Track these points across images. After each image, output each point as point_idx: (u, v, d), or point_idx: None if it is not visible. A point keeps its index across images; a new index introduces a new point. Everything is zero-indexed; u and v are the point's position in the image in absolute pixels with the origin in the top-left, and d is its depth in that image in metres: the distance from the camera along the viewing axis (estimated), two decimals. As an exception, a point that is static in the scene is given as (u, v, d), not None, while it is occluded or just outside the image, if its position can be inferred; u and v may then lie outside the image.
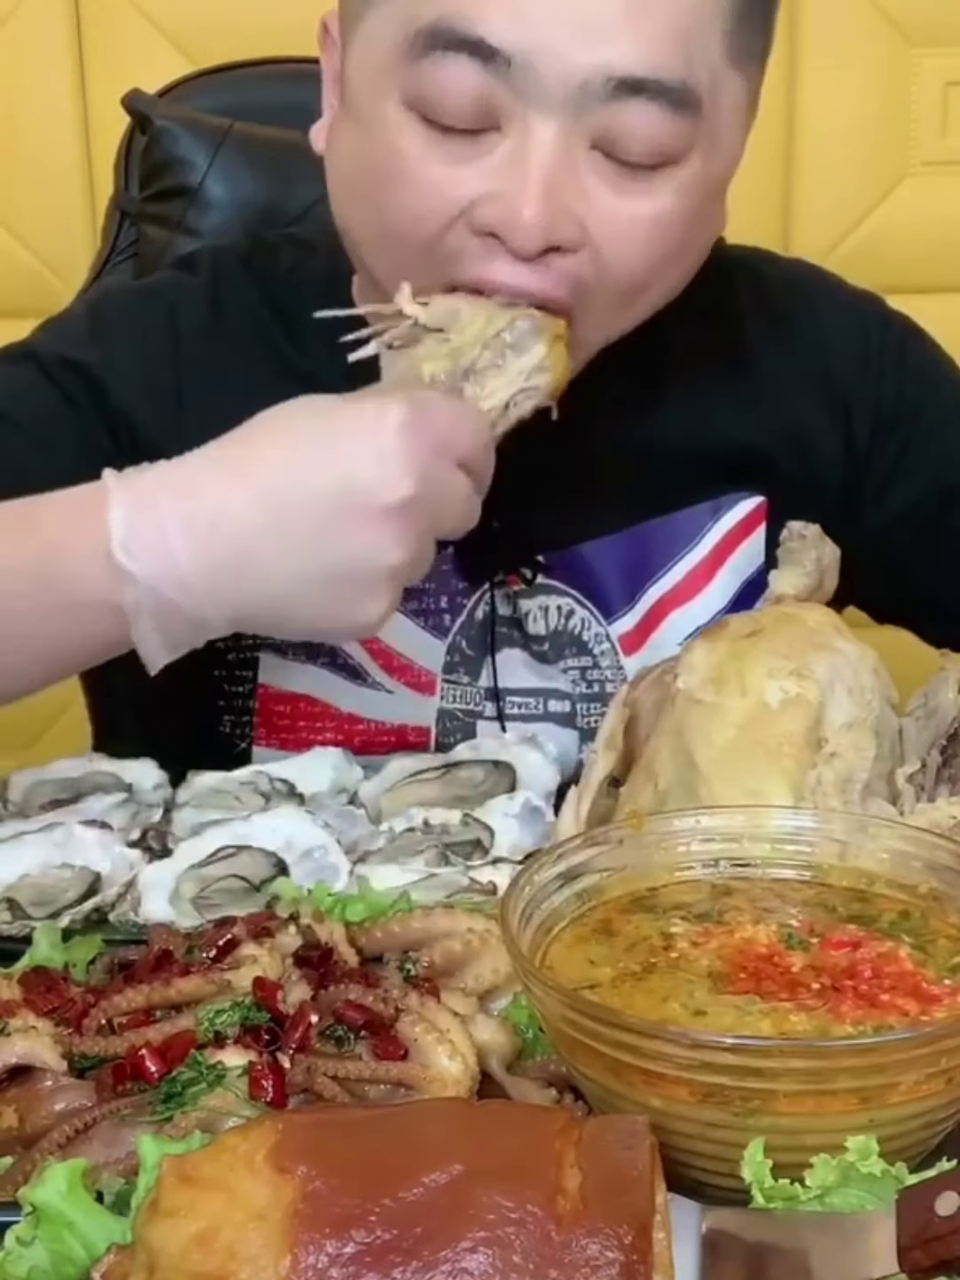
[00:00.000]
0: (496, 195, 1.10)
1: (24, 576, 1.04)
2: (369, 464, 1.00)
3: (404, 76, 1.11)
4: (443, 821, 1.17)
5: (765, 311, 1.38)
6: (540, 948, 0.86)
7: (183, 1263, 0.65)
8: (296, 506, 1.01)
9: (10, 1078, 0.86)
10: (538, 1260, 0.63)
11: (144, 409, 1.30)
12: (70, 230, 2.47)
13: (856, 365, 1.36)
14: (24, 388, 1.29)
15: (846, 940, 0.86)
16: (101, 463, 1.09)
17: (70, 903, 1.10)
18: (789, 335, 1.37)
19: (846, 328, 1.38)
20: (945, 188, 2.40)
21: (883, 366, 1.37)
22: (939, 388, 1.40)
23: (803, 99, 2.39)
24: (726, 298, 1.36)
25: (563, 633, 1.35)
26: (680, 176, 1.13)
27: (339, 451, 1.01)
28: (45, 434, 1.27)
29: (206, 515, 1.01)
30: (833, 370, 1.36)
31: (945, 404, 1.39)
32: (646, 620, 1.35)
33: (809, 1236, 0.69)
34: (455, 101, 1.10)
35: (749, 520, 1.36)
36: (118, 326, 1.34)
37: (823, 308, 1.39)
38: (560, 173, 1.09)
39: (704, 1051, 0.74)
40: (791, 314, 1.38)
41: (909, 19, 2.37)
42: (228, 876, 1.12)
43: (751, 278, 1.40)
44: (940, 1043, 0.74)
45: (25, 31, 2.44)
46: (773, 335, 1.37)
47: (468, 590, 1.33)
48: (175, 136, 1.75)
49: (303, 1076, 0.83)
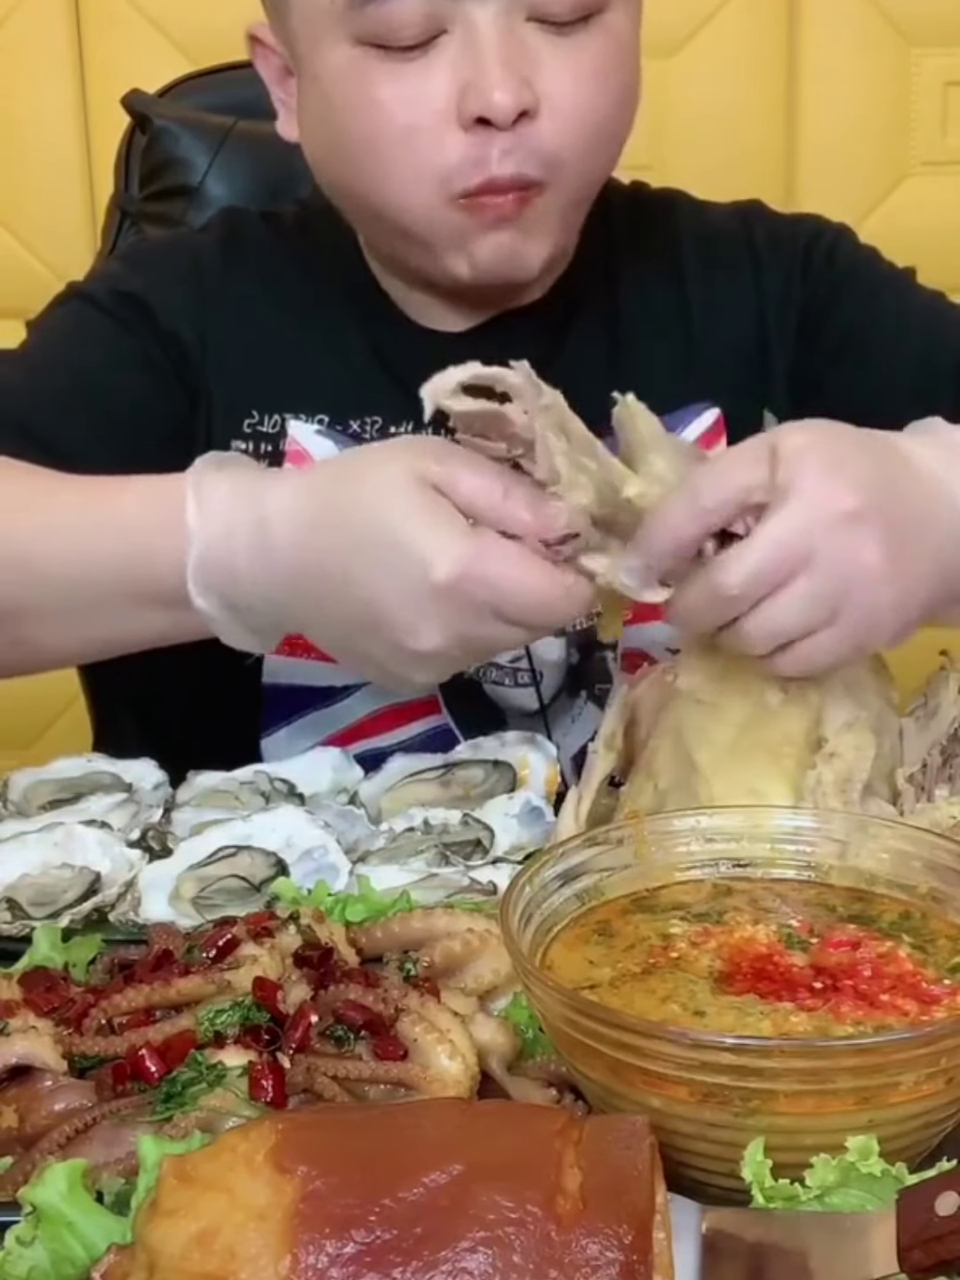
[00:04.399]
0: (467, 87, 1.22)
1: (111, 570, 1.13)
2: (403, 613, 1.02)
3: (350, 22, 1.23)
4: (443, 821, 1.17)
5: (704, 235, 1.47)
6: (540, 948, 0.86)
7: (183, 1263, 0.65)
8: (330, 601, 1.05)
9: (10, 1078, 0.86)
10: (538, 1260, 0.63)
11: (186, 330, 1.40)
12: (70, 230, 2.47)
13: (787, 269, 1.45)
14: (82, 322, 1.39)
15: (846, 940, 0.86)
16: (162, 380, 1.35)
17: (70, 903, 1.10)
18: (727, 260, 1.46)
19: (780, 239, 1.46)
20: (945, 188, 2.41)
21: (808, 265, 1.44)
22: (868, 269, 1.46)
23: (803, 99, 2.39)
24: (669, 226, 1.47)
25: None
26: (607, 21, 1.26)
27: (377, 587, 1.02)
28: (110, 358, 1.37)
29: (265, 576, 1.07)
30: (764, 276, 1.44)
31: (871, 284, 1.44)
32: None
33: (809, 1236, 0.69)
34: (407, 27, 1.22)
35: (710, 434, 1.41)
36: (151, 264, 1.44)
37: (758, 228, 1.47)
38: (509, 47, 1.23)
39: (704, 1051, 0.74)
40: (729, 234, 1.47)
41: (909, 19, 2.38)
42: (228, 876, 1.12)
43: (692, 212, 1.49)
44: (940, 1043, 0.74)
45: (25, 31, 2.44)
46: (711, 255, 1.46)
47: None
48: (175, 136, 1.75)
49: (303, 1076, 0.83)
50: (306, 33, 1.27)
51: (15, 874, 1.13)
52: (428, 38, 1.22)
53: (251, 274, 1.43)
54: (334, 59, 1.25)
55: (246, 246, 1.45)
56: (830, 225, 1.49)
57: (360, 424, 1.39)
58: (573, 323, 1.41)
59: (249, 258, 1.44)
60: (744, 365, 1.43)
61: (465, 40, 1.22)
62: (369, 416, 1.39)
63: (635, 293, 1.43)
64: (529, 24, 1.23)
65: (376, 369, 1.40)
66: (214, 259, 1.44)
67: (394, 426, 1.38)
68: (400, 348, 1.39)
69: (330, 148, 1.30)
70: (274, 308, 1.42)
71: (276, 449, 1.39)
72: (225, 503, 1.08)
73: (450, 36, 1.23)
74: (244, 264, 1.44)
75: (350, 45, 1.24)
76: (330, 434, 1.39)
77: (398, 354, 1.39)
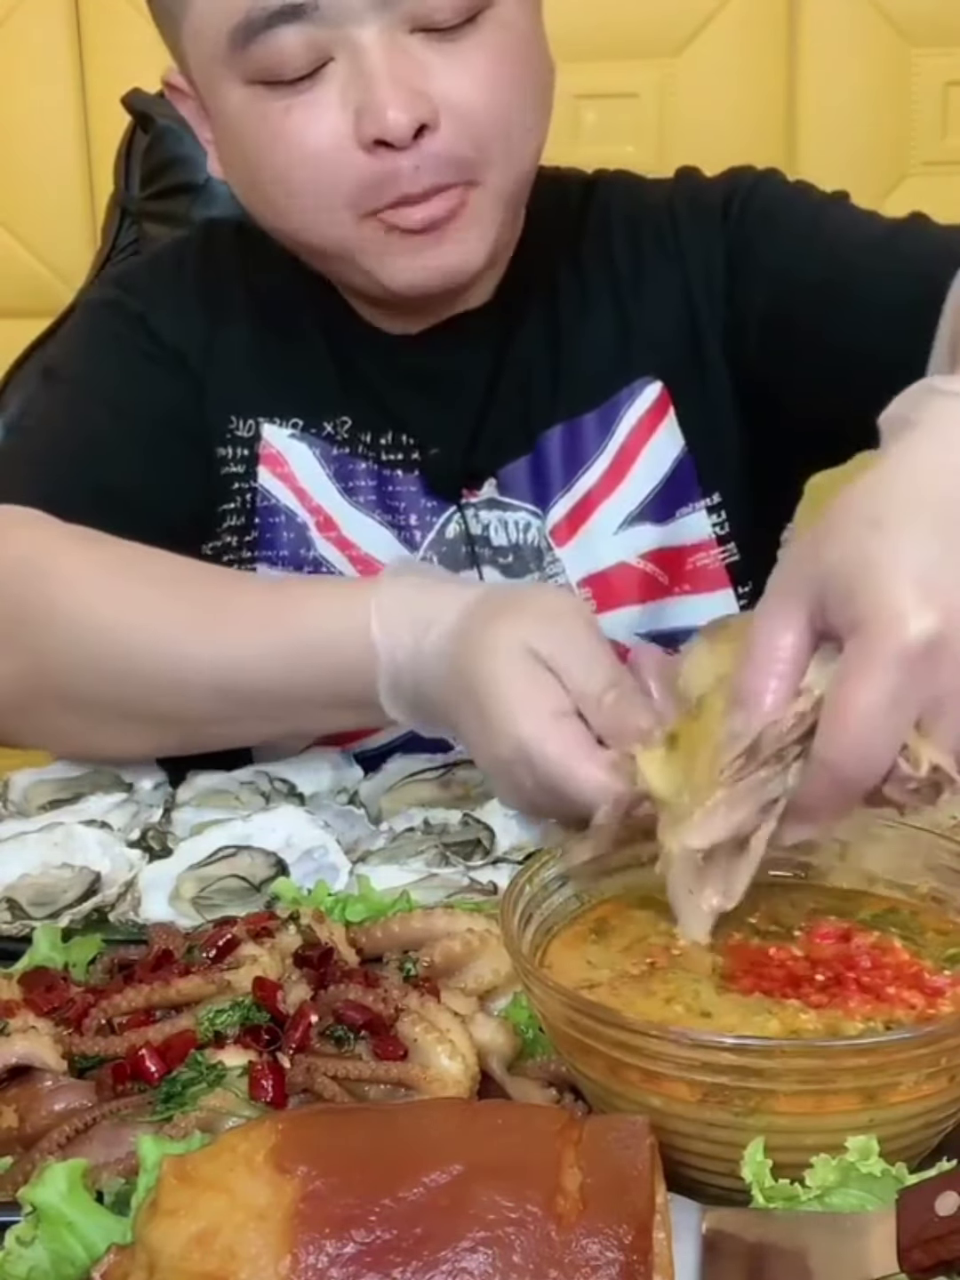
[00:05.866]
0: (360, 110, 1.20)
1: (306, 688, 1.17)
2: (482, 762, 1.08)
3: (237, 64, 1.23)
4: (443, 821, 1.17)
5: (631, 213, 1.45)
6: (540, 948, 0.86)
7: (183, 1263, 0.64)
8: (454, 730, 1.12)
9: (10, 1078, 0.86)
10: (538, 1260, 0.63)
11: (184, 342, 1.43)
12: (70, 230, 2.48)
13: (705, 230, 1.42)
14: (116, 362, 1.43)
15: (832, 931, 0.86)
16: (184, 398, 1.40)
17: (70, 903, 1.10)
18: (651, 232, 1.44)
19: (699, 203, 1.44)
20: (945, 188, 2.40)
21: (725, 220, 1.42)
22: (791, 204, 1.42)
23: (803, 99, 2.39)
24: (603, 208, 1.46)
25: (523, 546, 1.41)
26: (496, 14, 1.23)
27: (469, 729, 1.08)
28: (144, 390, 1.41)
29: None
30: (684, 242, 1.43)
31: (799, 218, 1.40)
32: (578, 510, 1.42)
33: (809, 1236, 0.69)
34: (292, 62, 1.21)
35: (654, 410, 1.42)
36: (144, 286, 1.47)
37: (680, 195, 1.45)
38: (396, 63, 1.20)
39: (704, 1051, 0.74)
40: (654, 207, 1.45)
41: (909, 19, 2.37)
42: (228, 876, 1.12)
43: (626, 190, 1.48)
44: (941, 1042, 0.74)
45: (25, 31, 2.44)
46: (636, 231, 1.45)
47: (436, 509, 1.41)
48: (178, 135, 1.75)
49: (303, 1076, 0.83)
50: (202, 79, 1.28)
51: (15, 874, 1.13)
52: (315, 68, 1.21)
53: (225, 287, 1.45)
54: (231, 101, 1.25)
55: (222, 257, 1.47)
56: (751, 173, 1.45)
57: (333, 426, 1.42)
58: (518, 323, 1.42)
59: (223, 271, 1.46)
60: (678, 336, 1.42)
61: (352, 64, 1.21)
62: (339, 418, 1.42)
63: (573, 279, 1.43)
64: (414, 36, 1.21)
65: (340, 372, 1.42)
66: (193, 275, 1.47)
67: (360, 432, 1.41)
68: (359, 351, 1.42)
69: (246, 185, 1.31)
70: (247, 318, 1.44)
71: (253, 452, 1.42)
72: (406, 621, 1.12)
73: (337, 63, 1.21)
74: (220, 275, 1.46)
75: (243, 85, 1.24)
76: (304, 437, 1.42)
77: (357, 357, 1.42)
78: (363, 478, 1.42)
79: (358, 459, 1.41)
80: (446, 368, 1.41)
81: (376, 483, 1.41)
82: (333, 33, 1.20)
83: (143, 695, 1.20)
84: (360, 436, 1.41)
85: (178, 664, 1.18)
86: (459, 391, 1.41)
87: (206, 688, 1.18)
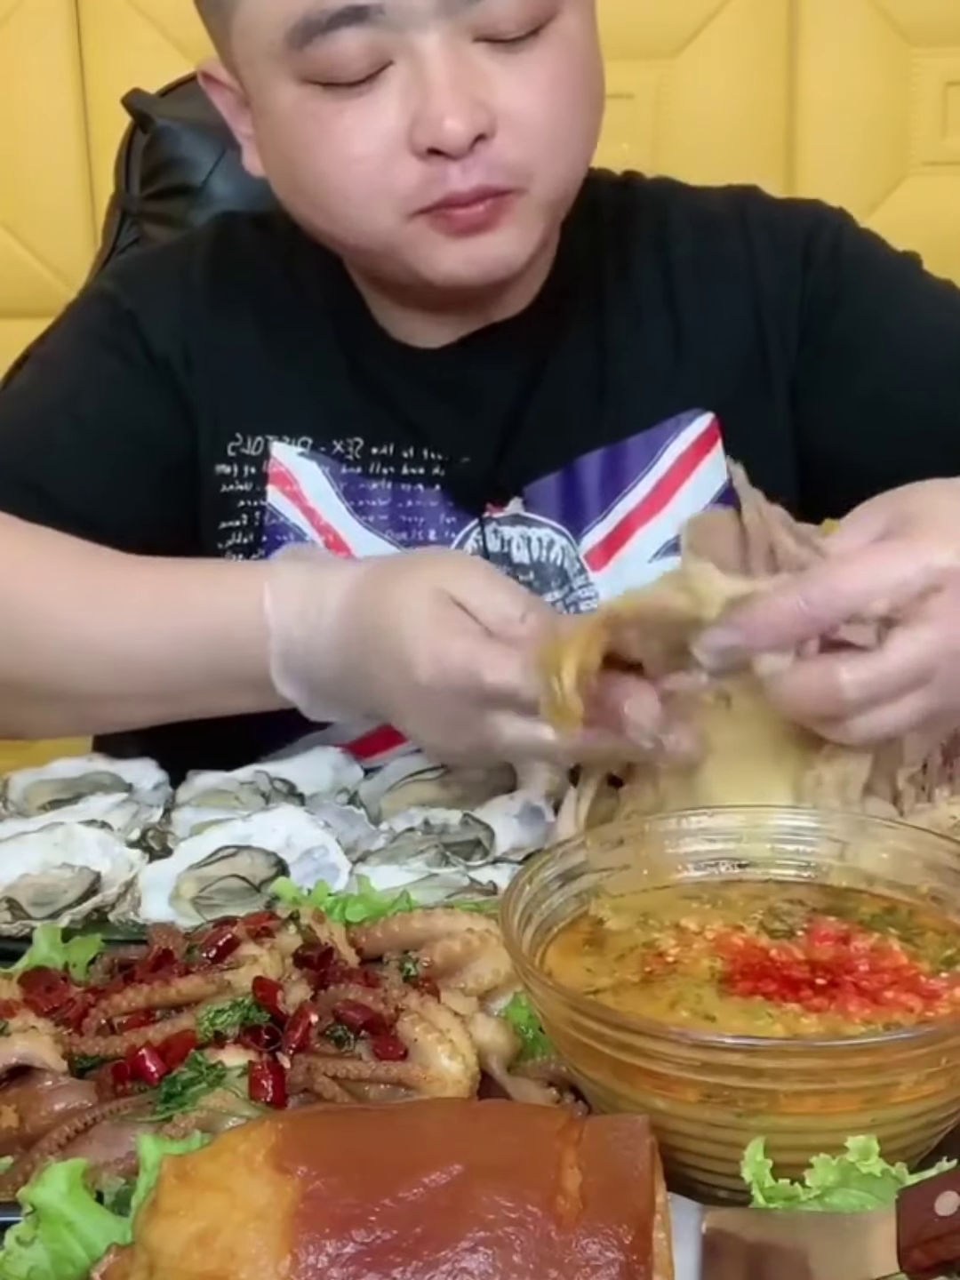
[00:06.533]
0: (417, 117, 1.19)
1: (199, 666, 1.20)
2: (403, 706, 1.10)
3: (293, 63, 1.21)
4: (443, 821, 1.17)
5: (695, 225, 1.43)
6: (540, 948, 0.86)
7: (183, 1263, 0.64)
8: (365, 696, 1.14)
9: (10, 1078, 0.86)
10: (538, 1260, 0.63)
11: (175, 352, 1.40)
12: (70, 230, 2.47)
13: (787, 263, 1.41)
14: (84, 360, 1.40)
15: (831, 933, 0.86)
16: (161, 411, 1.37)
17: (70, 903, 1.10)
18: (719, 252, 1.43)
19: (777, 229, 1.43)
20: (945, 188, 2.40)
21: (810, 260, 1.41)
22: (872, 269, 1.43)
23: (803, 99, 2.39)
24: (658, 217, 1.43)
25: (546, 564, 1.39)
26: (558, 28, 1.22)
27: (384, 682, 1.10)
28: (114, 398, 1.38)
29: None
30: (761, 270, 1.41)
31: (879, 284, 1.41)
32: (615, 534, 1.39)
33: (809, 1236, 0.69)
34: (350, 64, 1.19)
35: (702, 441, 1.40)
36: (142, 283, 1.44)
37: (754, 216, 1.44)
38: (457, 72, 1.19)
39: (706, 1052, 0.74)
40: (723, 232, 1.44)
41: (909, 19, 2.37)
42: (228, 876, 1.12)
43: (684, 200, 1.46)
44: (941, 1042, 0.74)
45: (25, 31, 2.44)
46: (701, 247, 1.42)
47: (456, 525, 1.38)
48: (177, 136, 1.75)
49: (303, 1076, 0.83)
50: (250, 73, 1.26)
51: (15, 874, 1.13)
52: (373, 71, 1.19)
53: (238, 291, 1.42)
54: (281, 99, 1.23)
55: (235, 259, 1.44)
56: (830, 214, 1.45)
57: (343, 445, 1.39)
58: (561, 334, 1.39)
59: (236, 272, 1.43)
60: (741, 365, 1.40)
61: (412, 70, 1.19)
62: (350, 438, 1.39)
63: (623, 294, 1.41)
64: (477, 44, 1.20)
65: (356, 389, 1.40)
66: (203, 274, 1.43)
67: (375, 447, 1.39)
68: (378, 366, 1.39)
69: (288, 182, 1.30)
70: (259, 327, 1.41)
71: (260, 470, 1.39)
72: (299, 597, 1.15)
73: (396, 68, 1.19)
74: (231, 280, 1.43)
75: (296, 84, 1.22)
76: (314, 455, 1.39)
77: (376, 373, 1.39)
78: (375, 496, 1.39)
79: (370, 478, 1.38)
80: (475, 376, 1.38)
81: (391, 500, 1.38)
82: (394, 37, 1.18)
83: (38, 670, 1.22)
84: (376, 451, 1.38)
85: (72, 639, 1.21)
86: (488, 401, 1.38)
87: (99, 663, 1.21)
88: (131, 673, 1.21)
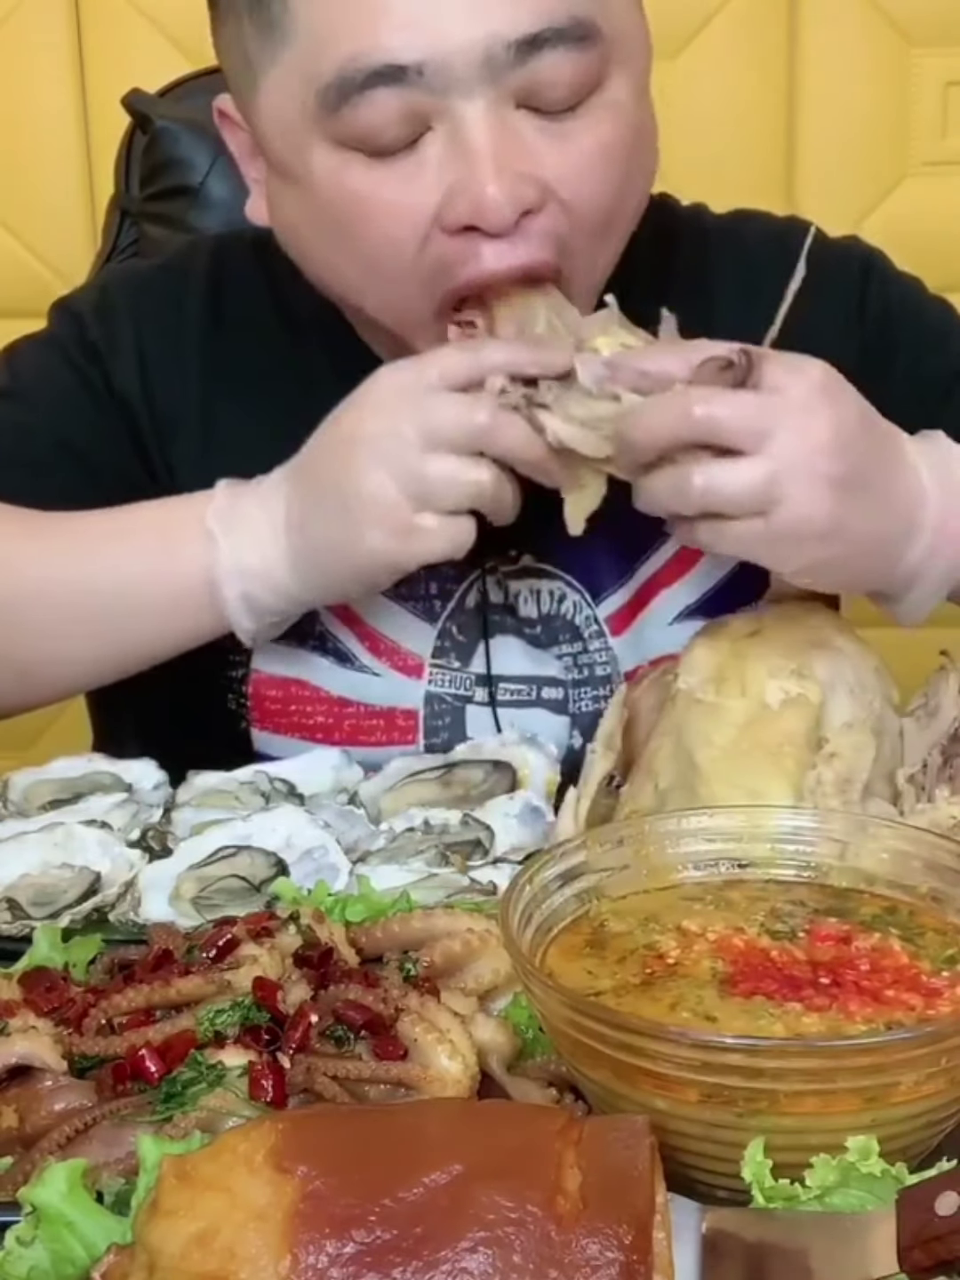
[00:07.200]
0: (456, 189, 1.12)
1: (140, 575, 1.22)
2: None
3: (327, 126, 1.14)
4: (443, 821, 1.17)
5: (739, 277, 1.36)
6: (540, 948, 0.86)
7: (183, 1263, 0.64)
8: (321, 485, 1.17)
9: (10, 1078, 0.86)
10: (538, 1260, 0.63)
11: (136, 395, 1.35)
12: (70, 230, 2.47)
13: (842, 308, 1.36)
14: (49, 377, 1.36)
15: (833, 933, 0.86)
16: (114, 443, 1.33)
17: (70, 903, 1.10)
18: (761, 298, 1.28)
19: (827, 270, 1.32)
20: (945, 188, 2.40)
21: (864, 308, 1.37)
22: (920, 315, 1.40)
23: (803, 99, 2.38)
24: (700, 268, 1.37)
25: (555, 617, 1.35)
26: (607, 98, 1.16)
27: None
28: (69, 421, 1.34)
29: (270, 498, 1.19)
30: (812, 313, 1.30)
31: (926, 330, 1.39)
32: (636, 598, 1.35)
33: (809, 1236, 0.69)
34: (388, 129, 1.13)
35: None
36: (124, 307, 1.38)
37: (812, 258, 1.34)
38: (501, 141, 1.12)
39: (706, 1052, 0.74)
40: (765, 276, 1.30)
41: (909, 19, 2.37)
42: (228, 876, 1.12)
43: (726, 243, 1.40)
44: (941, 1042, 0.74)
45: (25, 31, 2.44)
46: (746, 301, 1.31)
47: (458, 576, 1.33)
48: (176, 136, 1.75)
49: (303, 1076, 0.83)
50: (280, 135, 1.19)
51: (15, 874, 1.13)
52: (412, 138, 1.13)
53: (236, 316, 1.36)
54: (314, 163, 1.16)
55: (231, 289, 1.38)
56: (875, 258, 1.40)
57: None
58: None
59: (235, 298, 1.37)
60: None
61: (452, 136, 1.12)
62: None
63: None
64: (520, 112, 1.13)
65: None
66: (197, 300, 1.37)
67: None
68: None
69: (310, 246, 1.23)
70: (254, 351, 1.35)
71: None
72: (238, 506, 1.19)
73: (436, 135, 1.13)
74: (231, 305, 1.37)
75: (330, 148, 1.15)
76: None
77: None
78: None
79: None
80: None
81: None
82: (435, 102, 1.11)
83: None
84: None
85: (7, 576, 1.22)
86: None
87: (32, 595, 1.22)
88: (66, 601, 1.22)
